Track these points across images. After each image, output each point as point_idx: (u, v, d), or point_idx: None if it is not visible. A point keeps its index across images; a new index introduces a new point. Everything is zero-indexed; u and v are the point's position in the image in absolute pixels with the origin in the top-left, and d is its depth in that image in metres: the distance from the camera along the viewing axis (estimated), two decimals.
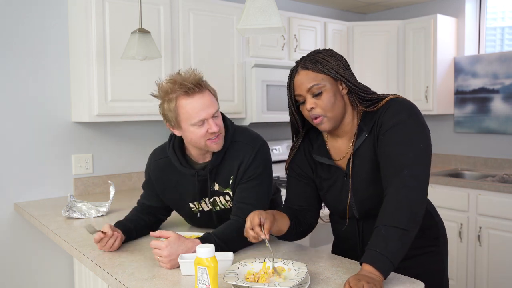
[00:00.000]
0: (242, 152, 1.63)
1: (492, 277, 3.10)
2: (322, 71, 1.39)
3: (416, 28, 3.79)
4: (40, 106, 2.67)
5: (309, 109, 1.40)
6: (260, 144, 1.65)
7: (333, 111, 1.39)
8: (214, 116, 1.55)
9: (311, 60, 1.41)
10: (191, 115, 1.51)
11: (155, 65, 2.73)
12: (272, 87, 3.25)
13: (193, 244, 1.43)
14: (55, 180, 2.74)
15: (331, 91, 1.39)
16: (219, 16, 3.02)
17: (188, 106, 1.51)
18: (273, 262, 1.31)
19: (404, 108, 1.36)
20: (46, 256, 2.69)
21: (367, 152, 1.41)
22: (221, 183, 1.66)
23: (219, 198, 1.69)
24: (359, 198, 1.45)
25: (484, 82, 3.72)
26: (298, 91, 1.42)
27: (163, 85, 1.55)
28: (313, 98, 1.39)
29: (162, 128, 3.17)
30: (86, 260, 1.57)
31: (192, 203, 1.72)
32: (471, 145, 3.86)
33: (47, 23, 2.67)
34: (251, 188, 1.61)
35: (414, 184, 1.27)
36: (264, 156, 1.65)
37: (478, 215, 3.17)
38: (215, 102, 1.57)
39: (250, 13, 1.41)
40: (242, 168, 1.61)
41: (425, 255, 1.51)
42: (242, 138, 1.66)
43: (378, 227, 1.25)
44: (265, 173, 1.64)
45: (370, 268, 1.20)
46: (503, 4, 3.81)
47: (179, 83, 1.51)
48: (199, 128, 1.53)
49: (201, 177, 1.65)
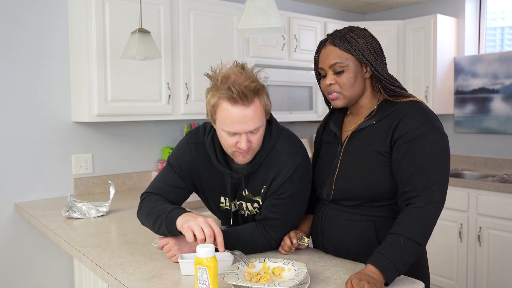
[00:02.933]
0: (279, 164, 1.47)
1: (492, 277, 3.10)
2: (348, 50, 1.40)
3: (416, 28, 3.79)
4: (40, 106, 2.67)
5: (328, 84, 1.44)
6: (300, 160, 1.48)
7: (350, 91, 1.42)
8: (252, 132, 1.39)
9: (340, 38, 1.42)
10: (225, 122, 1.37)
11: (155, 65, 2.74)
12: (272, 87, 3.25)
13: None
14: (55, 180, 2.74)
15: (353, 72, 1.41)
16: (219, 16, 3.02)
17: (226, 112, 1.36)
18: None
19: (430, 119, 1.36)
20: (46, 256, 2.70)
21: (369, 138, 1.42)
22: (251, 190, 1.53)
23: (246, 204, 1.57)
24: (341, 173, 1.46)
25: (484, 82, 3.72)
26: (321, 64, 1.46)
27: (218, 73, 1.40)
28: (334, 75, 1.42)
29: (162, 128, 3.17)
30: (86, 260, 1.57)
31: (224, 197, 1.60)
32: (471, 145, 3.86)
33: (47, 23, 2.68)
34: (282, 205, 1.49)
35: (440, 200, 1.30)
36: (303, 173, 1.50)
37: (478, 215, 3.17)
38: (258, 118, 1.38)
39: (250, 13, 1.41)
40: (276, 182, 1.47)
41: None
42: (284, 147, 1.49)
43: (397, 235, 1.26)
44: (300, 192, 1.51)
45: (375, 270, 1.21)
46: (503, 4, 3.81)
47: (228, 84, 1.35)
48: (229, 137, 1.40)
49: (235, 179, 1.51)
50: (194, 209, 2.46)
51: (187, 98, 2.88)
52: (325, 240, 1.51)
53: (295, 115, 3.42)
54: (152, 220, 1.46)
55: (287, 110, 3.36)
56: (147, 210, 1.50)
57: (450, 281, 3.32)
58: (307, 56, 3.56)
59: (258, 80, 1.41)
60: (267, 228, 1.52)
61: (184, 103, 2.88)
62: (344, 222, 1.45)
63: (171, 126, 3.21)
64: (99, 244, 1.72)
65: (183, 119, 3.00)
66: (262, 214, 1.52)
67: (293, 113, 3.40)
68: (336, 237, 1.47)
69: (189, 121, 3.25)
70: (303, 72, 3.45)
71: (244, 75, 1.38)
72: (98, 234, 1.88)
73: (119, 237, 1.83)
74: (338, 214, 1.47)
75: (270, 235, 1.52)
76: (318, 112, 3.58)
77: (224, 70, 1.41)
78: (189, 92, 2.89)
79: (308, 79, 3.49)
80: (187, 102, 2.88)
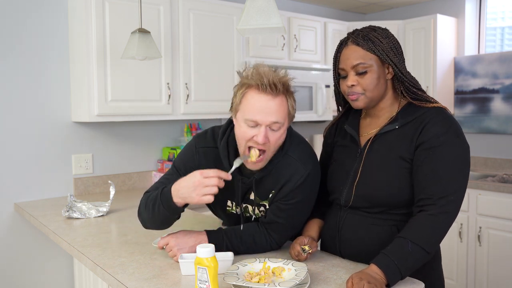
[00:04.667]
0: (290, 170, 1.46)
1: (492, 277, 3.10)
2: (372, 50, 1.36)
3: (416, 28, 3.79)
4: (40, 106, 2.67)
5: (350, 85, 1.38)
6: (311, 167, 1.47)
7: (373, 92, 1.38)
8: (272, 128, 1.37)
9: (363, 37, 1.37)
10: (248, 109, 1.36)
11: (155, 65, 2.74)
12: None
13: (198, 235, 1.44)
14: (55, 180, 2.74)
15: (377, 72, 1.37)
16: (219, 16, 3.02)
17: (251, 100, 1.36)
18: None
19: (454, 127, 1.34)
20: (46, 256, 2.70)
21: (392, 143, 1.38)
22: (259, 195, 1.52)
23: (253, 208, 1.56)
24: (363, 179, 1.41)
25: (484, 82, 3.72)
26: (342, 65, 1.40)
27: (248, 70, 1.41)
28: (356, 76, 1.37)
29: (162, 128, 3.17)
30: (86, 260, 1.57)
31: (231, 201, 1.59)
32: (471, 145, 3.81)
33: (47, 23, 2.68)
34: (288, 210, 1.48)
35: (454, 211, 1.28)
36: (313, 181, 1.49)
37: (478, 215, 3.17)
38: (281, 114, 1.37)
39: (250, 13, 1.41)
40: (286, 188, 1.46)
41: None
42: (295, 153, 1.48)
43: (406, 239, 1.24)
44: (307, 200, 1.51)
45: (378, 271, 1.21)
46: (503, 4, 3.81)
47: (259, 74, 1.36)
48: (248, 128, 1.37)
49: (246, 184, 1.50)
50: (195, 209, 2.46)
51: (187, 98, 2.88)
52: (344, 246, 1.46)
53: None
54: (151, 206, 1.44)
55: None
56: (144, 202, 1.49)
57: (450, 281, 3.32)
58: (307, 56, 3.56)
59: (290, 81, 1.42)
60: (269, 230, 1.51)
61: (184, 103, 2.88)
62: (366, 227, 1.41)
63: (171, 126, 3.21)
64: (99, 244, 1.72)
65: (183, 119, 3.00)
66: (267, 218, 1.51)
67: None
68: (357, 243, 1.43)
69: (189, 121, 3.25)
70: (303, 72, 3.45)
71: (276, 72, 1.39)
72: (98, 234, 1.88)
73: (119, 237, 1.83)
74: (359, 220, 1.42)
75: (272, 237, 1.52)
76: (318, 112, 3.57)
77: (251, 68, 1.41)
78: (189, 92, 2.89)
79: (308, 79, 3.49)
80: (187, 102, 2.88)
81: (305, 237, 1.46)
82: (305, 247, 1.41)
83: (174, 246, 1.43)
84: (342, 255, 1.48)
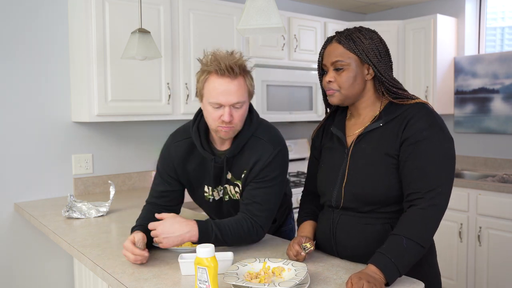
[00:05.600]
0: (261, 150, 1.59)
1: (492, 277, 3.10)
2: (352, 49, 1.40)
3: (416, 28, 3.79)
4: (40, 106, 2.67)
5: (327, 81, 1.44)
6: (280, 148, 1.61)
7: (347, 90, 1.42)
8: (235, 106, 1.51)
9: (346, 36, 1.42)
10: (211, 93, 1.50)
11: (155, 65, 2.74)
12: (272, 87, 3.25)
13: (187, 224, 1.46)
14: (55, 180, 2.74)
15: (353, 71, 1.41)
16: (219, 16, 3.02)
17: (212, 84, 1.49)
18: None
19: (437, 121, 1.36)
20: (46, 256, 2.70)
21: (378, 141, 1.40)
22: (234, 174, 1.63)
23: (229, 187, 1.66)
24: (351, 179, 1.43)
25: (484, 82, 3.72)
26: (324, 61, 1.47)
27: (207, 56, 1.53)
28: (334, 72, 1.42)
29: (162, 128, 3.17)
30: (86, 260, 1.57)
31: (207, 186, 1.69)
32: (471, 145, 3.86)
33: (47, 23, 2.68)
34: (262, 188, 1.57)
35: (442, 203, 1.31)
36: (282, 160, 1.61)
37: (478, 215, 3.17)
38: (241, 93, 1.51)
39: (250, 13, 1.41)
40: (257, 167, 1.58)
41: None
42: (265, 136, 1.61)
43: (400, 236, 1.26)
44: (279, 178, 1.60)
45: (376, 270, 1.22)
46: (503, 4, 3.81)
47: (217, 60, 1.49)
48: (214, 110, 1.51)
49: (218, 164, 1.61)
50: (193, 209, 2.46)
51: (187, 98, 2.88)
52: (340, 248, 1.47)
53: (295, 115, 3.42)
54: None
55: (287, 110, 3.36)
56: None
57: (450, 281, 3.32)
58: (307, 56, 3.57)
59: (245, 62, 1.55)
60: (250, 214, 1.56)
61: (184, 103, 2.88)
62: (359, 227, 1.41)
63: (171, 126, 3.21)
64: (99, 244, 1.72)
65: (183, 119, 3.00)
66: (245, 200, 1.59)
67: (293, 113, 3.40)
68: (352, 244, 1.43)
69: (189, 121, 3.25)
70: (303, 72, 3.45)
71: (232, 56, 1.52)
72: (98, 234, 1.88)
73: (119, 237, 1.83)
74: (352, 220, 1.43)
75: (255, 221, 1.56)
76: (318, 112, 3.57)
77: (209, 55, 1.54)
78: (189, 92, 2.89)
79: (308, 79, 3.49)
80: (187, 102, 2.88)
81: (302, 237, 1.47)
82: (307, 244, 1.42)
83: (160, 234, 1.44)
84: (340, 257, 1.49)
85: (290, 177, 3.61)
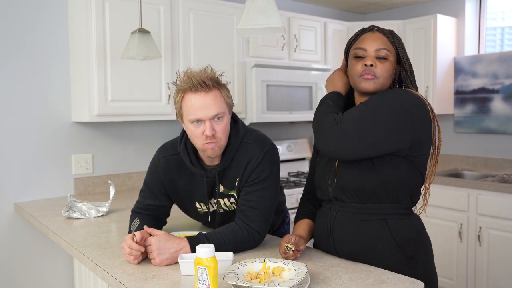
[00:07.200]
0: (249, 153, 1.58)
1: (492, 277, 3.10)
2: (394, 45, 1.45)
3: (416, 28, 3.79)
4: (40, 106, 2.67)
5: (368, 64, 1.41)
6: (268, 147, 1.60)
7: (384, 80, 1.43)
8: (215, 119, 1.50)
9: (389, 31, 1.47)
10: (189, 111, 1.49)
11: (155, 65, 2.74)
12: (272, 87, 3.25)
13: (180, 241, 1.45)
14: (55, 180, 2.74)
15: (392, 65, 1.44)
16: (219, 16, 3.02)
17: (189, 101, 1.49)
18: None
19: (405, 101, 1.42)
20: (46, 256, 2.70)
21: None
22: (227, 186, 1.62)
23: (223, 200, 1.65)
24: (340, 170, 1.44)
25: (484, 82, 3.72)
26: (365, 45, 1.44)
27: (179, 77, 1.54)
28: (376, 59, 1.42)
29: (162, 128, 3.17)
30: (86, 260, 1.57)
31: (199, 203, 1.69)
32: (471, 145, 3.86)
33: (47, 23, 2.68)
34: (255, 192, 1.57)
35: None
36: (271, 159, 1.60)
37: (478, 215, 3.17)
38: (219, 104, 1.50)
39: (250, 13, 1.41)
40: (248, 170, 1.57)
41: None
42: (251, 139, 1.61)
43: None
44: (271, 177, 1.59)
45: None
46: (503, 4, 3.81)
47: (189, 77, 1.50)
48: (196, 128, 1.50)
49: (210, 179, 1.61)
50: None
51: None
52: (338, 245, 1.47)
53: (295, 115, 3.42)
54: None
55: (287, 110, 3.36)
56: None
57: (450, 281, 3.32)
58: (307, 56, 3.56)
59: (219, 76, 1.55)
60: (246, 221, 1.55)
61: None
62: (356, 224, 1.42)
63: (171, 126, 3.21)
64: (99, 244, 1.72)
65: None
66: (240, 207, 1.58)
67: (293, 113, 3.40)
68: (350, 241, 1.44)
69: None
70: (303, 72, 3.45)
71: (204, 71, 1.52)
72: (98, 234, 1.88)
73: (119, 237, 1.83)
74: (348, 217, 1.44)
75: (251, 227, 1.55)
76: None
77: (182, 74, 1.54)
78: None
79: (308, 79, 3.49)
80: None
81: (292, 236, 1.47)
82: (288, 244, 1.41)
83: (155, 250, 1.43)
84: (338, 254, 1.49)
85: (290, 177, 3.61)
